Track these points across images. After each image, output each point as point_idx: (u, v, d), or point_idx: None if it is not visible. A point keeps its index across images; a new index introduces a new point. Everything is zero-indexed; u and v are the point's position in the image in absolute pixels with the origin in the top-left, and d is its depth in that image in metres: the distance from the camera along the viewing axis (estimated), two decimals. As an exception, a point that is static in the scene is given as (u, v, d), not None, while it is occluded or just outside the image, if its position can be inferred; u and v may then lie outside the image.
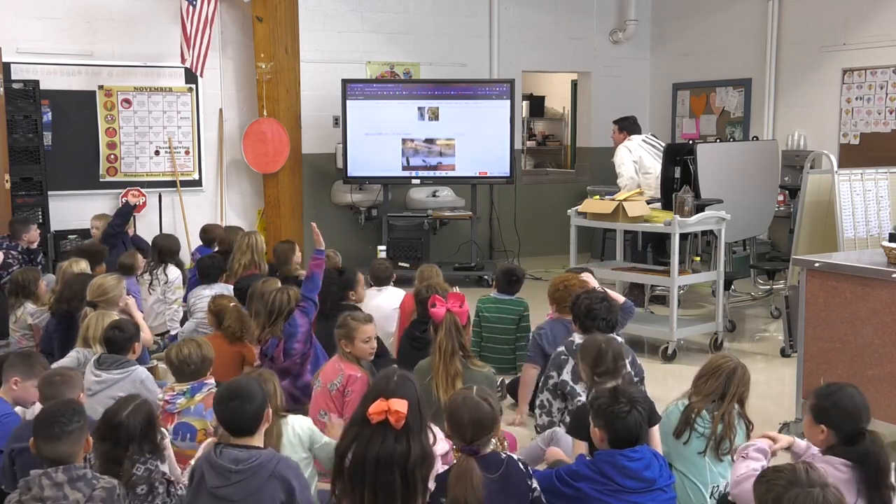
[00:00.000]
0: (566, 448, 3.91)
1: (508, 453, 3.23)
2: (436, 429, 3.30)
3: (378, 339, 4.85)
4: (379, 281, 6.25)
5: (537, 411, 4.51)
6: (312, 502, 3.14)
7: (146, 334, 5.31)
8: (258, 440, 3.15)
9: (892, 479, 3.02)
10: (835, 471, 2.98)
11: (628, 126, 8.40)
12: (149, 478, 3.24)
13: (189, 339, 4.29)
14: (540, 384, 4.59)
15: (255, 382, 3.22)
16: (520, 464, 3.19)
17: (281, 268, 6.52)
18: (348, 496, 3.08)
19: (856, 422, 3.07)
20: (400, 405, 3.02)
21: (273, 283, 5.70)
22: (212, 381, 4.12)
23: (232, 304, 5.37)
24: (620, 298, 5.04)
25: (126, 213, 7.73)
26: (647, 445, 3.36)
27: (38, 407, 4.22)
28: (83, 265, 6.05)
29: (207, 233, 7.85)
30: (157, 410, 3.69)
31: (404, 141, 9.29)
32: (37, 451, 3.01)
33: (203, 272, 6.47)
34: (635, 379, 4.29)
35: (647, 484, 3.18)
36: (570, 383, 4.29)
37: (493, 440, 3.25)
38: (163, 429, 3.89)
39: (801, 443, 3.37)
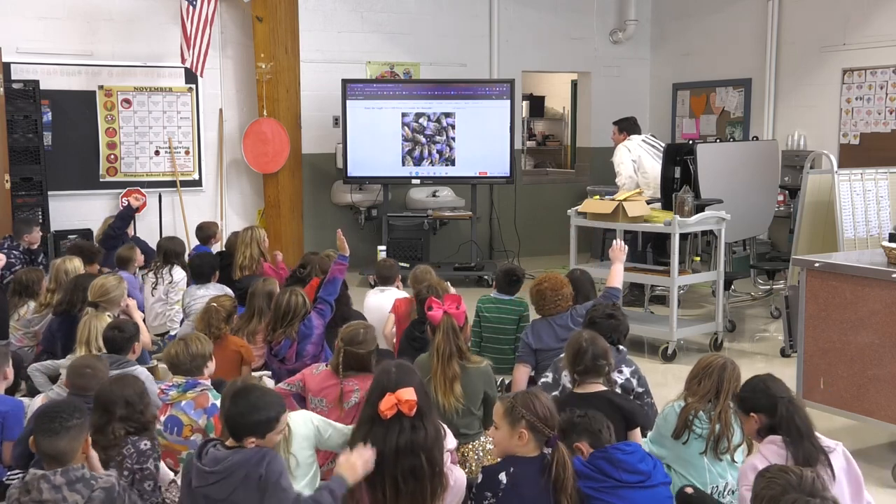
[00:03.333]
0: None
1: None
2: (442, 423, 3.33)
3: None
4: (382, 280, 6.22)
5: None
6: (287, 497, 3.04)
7: (145, 336, 5.31)
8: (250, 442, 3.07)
9: (816, 438, 3.18)
10: (776, 448, 3.15)
11: (628, 126, 8.40)
12: (135, 464, 3.34)
13: (178, 340, 4.25)
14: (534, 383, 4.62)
15: (268, 398, 3.09)
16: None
17: (309, 276, 6.42)
18: (367, 496, 3.09)
19: (770, 395, 3.24)
20: (408, 394, 3.06)
21: (272, 282, 5.71)
22: (207, 382, 4.11)
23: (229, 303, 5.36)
24: (617, 282, 5.11)
25: (127, 215, 7.72)
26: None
27: (38, 400, 4.28)
28: (77, 263, 6.03)
29: (203, 230, 7.84)
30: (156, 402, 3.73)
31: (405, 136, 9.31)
32: (36, 446, 3.02)
33: (195, 271, 6.39)
34: (639, 390, 4.25)
35: (644, 477, 3.18)
36: (569, 386, 4.27)
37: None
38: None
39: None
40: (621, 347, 4.36)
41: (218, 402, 4.00)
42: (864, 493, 3.24)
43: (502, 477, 3.05)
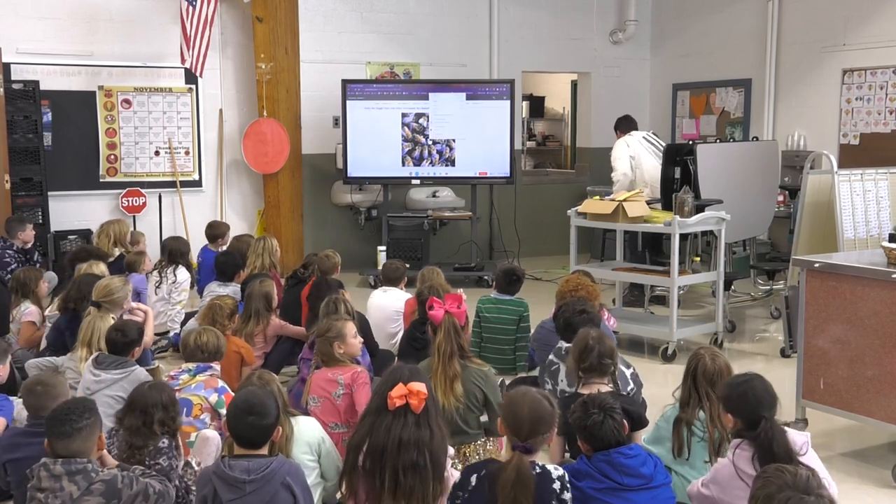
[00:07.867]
0: None
1: (542, 465, 3.09)
2: None
3: (371, 335, 4.92)
4: (388, 281, 6.22)
5: None
6: None
7: (147, 337, 5.31)
8: (265, 450, 3.16)
9: (795, 458, 3.12)
10: (741, 451, 3.16)
11: (625, 125, 8.46)
12: (150, 459, 3.38)
13: (209, 329, 4.47)
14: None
15: (271, 397, 3.21)
16: (556, 482, 3.04)
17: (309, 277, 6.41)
18: (365, 486, 3.11)
19: (755, 411, 3.19)
20: (420, 387, 3.12)
21: (270, 284, 5.72)
22: (217, 367, 4.32)
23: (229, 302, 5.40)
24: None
25: None
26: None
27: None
28: (102, 267, 6.06)
29: (213, 228, 7.85)
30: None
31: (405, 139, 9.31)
32: (51, 449, 3.05)
33: (220, 269, 6.47)
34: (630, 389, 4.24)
35: (646, 480, 3.18)
36: (568, 389, 4.27)
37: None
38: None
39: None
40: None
41: (224, 384, 4.22)
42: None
43: (473, 479, 3.04)
